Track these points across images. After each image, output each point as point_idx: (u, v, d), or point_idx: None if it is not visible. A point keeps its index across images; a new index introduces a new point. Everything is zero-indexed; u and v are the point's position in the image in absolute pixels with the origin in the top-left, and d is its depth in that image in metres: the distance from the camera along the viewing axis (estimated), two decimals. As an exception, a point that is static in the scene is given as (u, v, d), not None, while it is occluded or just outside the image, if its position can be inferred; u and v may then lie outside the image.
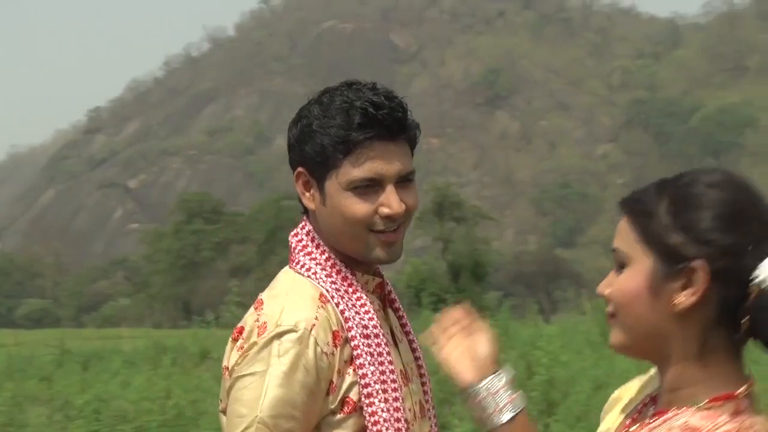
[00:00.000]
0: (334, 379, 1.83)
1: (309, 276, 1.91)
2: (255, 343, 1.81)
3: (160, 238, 59.71)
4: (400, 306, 2.07)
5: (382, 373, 1.87)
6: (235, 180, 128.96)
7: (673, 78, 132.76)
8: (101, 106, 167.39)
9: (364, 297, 1.92)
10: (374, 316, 1.91)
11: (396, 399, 1.88)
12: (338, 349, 1.84)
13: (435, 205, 39.09)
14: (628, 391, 1.62)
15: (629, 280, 1.43)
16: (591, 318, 18.25)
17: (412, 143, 1.93)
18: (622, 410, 1.58)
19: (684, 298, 1.38)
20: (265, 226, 50.95)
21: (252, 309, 1.90)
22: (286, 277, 1.95)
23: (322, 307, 1.86)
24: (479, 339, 1.77)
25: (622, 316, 1.45)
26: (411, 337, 2.05)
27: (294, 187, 1.98)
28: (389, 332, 1.97)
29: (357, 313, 1.88)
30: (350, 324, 1.86)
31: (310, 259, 1.94)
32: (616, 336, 1.47)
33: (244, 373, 1.81)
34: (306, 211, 1.99)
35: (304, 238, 1.97)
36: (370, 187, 1.86)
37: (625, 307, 1.44)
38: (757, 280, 1.33)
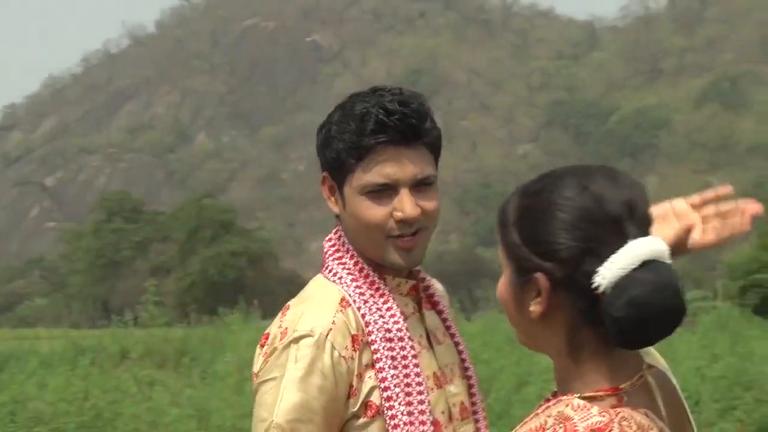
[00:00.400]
0: (354, 383, 1.85)
1: (335, 281, 1.93)
2: (275, 348, 1.86)
3: (79, 237, 58.80)
4: (445, 307, 2.06)
5: (406, 376, 1.87)
6: (156, 179, 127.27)
7: (591, 80, 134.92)
8: (17, 103, 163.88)
9: (392, 300, 1.92)
10: (400, 320, 1.90)
11: (421, 402, 1.87)
12: (357, 353, 1.86)
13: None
14: None
15: (501, 286, 1.50)
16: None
17: (433, 148, 1.93)
18: None
19: (535, 307, 1.44)
20: (186, 226, 50.43)
21: (279, 315, 1.96)
22: (314, 283, 1.99)
23: (341, 311, 1.88)
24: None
25: (508, 317, 1.52)
26: (456, 338, 2.05)
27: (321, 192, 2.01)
28: (424, 335, 1.97)
29: (381, 316, 1.89)
30: (371, 328, 1.87)
31: (339, 264, 1.95)
32: (515, 333, 1.55)
33: (265, 378, 1.86)
34: (338, 215, 2.00)
35: (336, 242, 1.99)
36: (384, 191, 1.87)
37: (505, 310, 1.52)
38: (594, 285, 1.37)
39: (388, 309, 1.91)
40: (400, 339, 1.89)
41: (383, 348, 1.87)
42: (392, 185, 1.87)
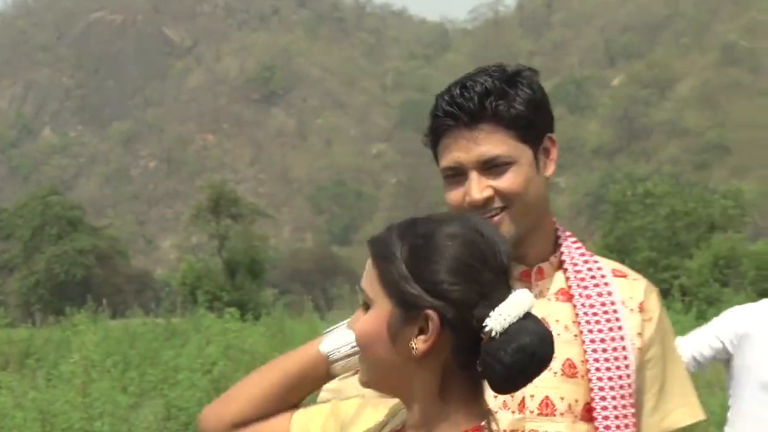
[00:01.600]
0: None
1: None
2: None
3: None
4: (581, 297, 1.93)
5: None
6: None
7: (443, 80, 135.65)
8: None
9: None
10: None
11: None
12: None
13: (211, 203, 38.56)
14: (360, 423, 1.63)
15: (371, 322, 1.48)
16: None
17: (510, 125, 1.86)
18: None
19: (419, 344, 1.44)
20: (31, 223, 48.70)
21: None
22: None
23: None
24: None
25: (366, 356, 1.50)
26: (588, 328, 1.91)
27: None
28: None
29: None
30: None
31: None
32: (362, 373, 1.53)
33: None
34: None
35: None
36: (457, 175, 1.87)
37: (367, 348, 1.49)
38: (486, 329, 1.41)
39: None
40: None
41: None
42: (461, 169, 1.86)
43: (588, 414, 1.86)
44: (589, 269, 1.95)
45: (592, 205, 79.07)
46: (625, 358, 1.89)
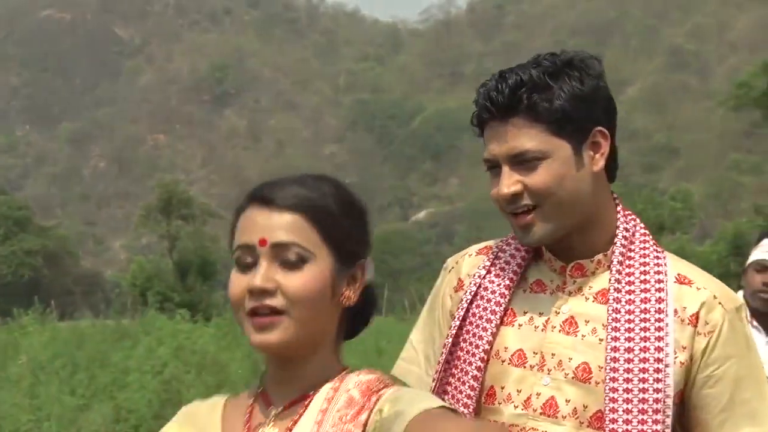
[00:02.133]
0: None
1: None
2: None
3: None
4: (619, 301, 1.81)
5: (467, 332, 1.89)
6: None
7: (395, 81, 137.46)
8: None
9: (514, 263, 1.91)
10: (504, 281, 1.89)
11: (470, 364, 1.86)
12: (456, 294, 1.95)
13: (162, 203, 38.30)
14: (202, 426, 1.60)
15: (313, 277, 1.49)
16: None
17: (545, 119, 1.79)
18: None
19: (351, 294, 1.54)
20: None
21: None
22: None
23: (476, 254, 1.98)
24: None
25: (299, 311, 1.48)
26: (614, 335, 1.79)
27: None
28: (553, 316, 1.86)
29: (498, 274, 1.91)
30: (471, 281, 1.92)
31: None
32: (285, 332, 1.48)
33: None
34: None
35: None
36: (494, 167, 1.84)
37: (307, 302, 1.48)
38: (368, 277, 1.56)
39: (506, 267, 1.92)
40: (488, 300, 1.88)
41: (465, 301, 1.90)
42: (496, 162, 1.84)
43: (598, 422, 1.77)
44: (644, 272, 1.83)
45: (543, 206, 79.55)
46: (657, 371, 1.75)
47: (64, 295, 43.82)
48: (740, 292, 3.81)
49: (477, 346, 1.86)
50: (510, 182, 1.80)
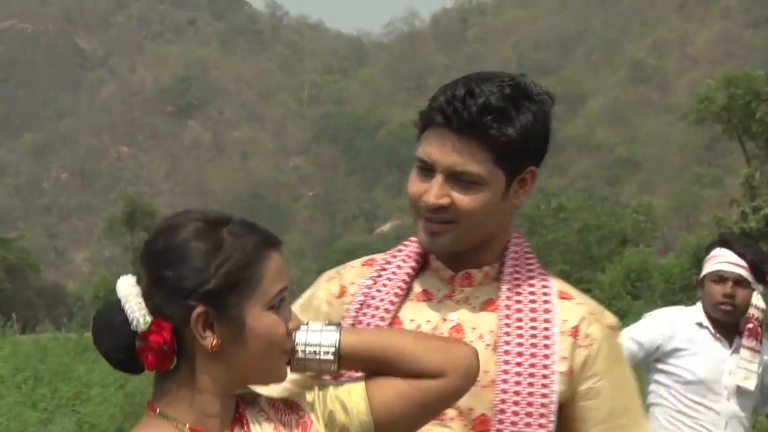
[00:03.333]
0: None
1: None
2: None
3: None
4: (508, 309, 1.86)
5: None
6: None
7: (360, 94, 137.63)
8: None
9: (404, 272, 1.92)
10: (398, 296, 1.90)
11: None
12: (338, 300, 1.95)
13: (125, 215, 38.05)
14: None
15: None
16: (283, 326, 18.43)
17: (497, 147, 1.79)
18: None
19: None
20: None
21: None
22: None
23: (361, 266, 1.98)
24: None
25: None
26: (505, 340, 1.84)
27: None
28: (440, 323, 1.87)
29: (385, 284, 1.92)
30: (358, 291, 1.92)
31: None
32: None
33: None
34: None
35: None
36: (426, 170, 1.83)
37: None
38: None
39: (393, 277, 1.93)
40: (376, 308, 1.89)
41: (354, 309, 1.90)
42: (431, 166, 1.82)
43: (482, 425, 1.81)
44: (532, 285, 1.89)
45: (507, 218, 79.91)
46: (545, 377, 1.82)
47: (26, 308, 43.32)
48: (698, 305, 3.85)
49: None
50: (441, 194, 1.81)
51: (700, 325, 3.76)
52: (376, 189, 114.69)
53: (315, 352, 1.56)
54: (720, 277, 3.72)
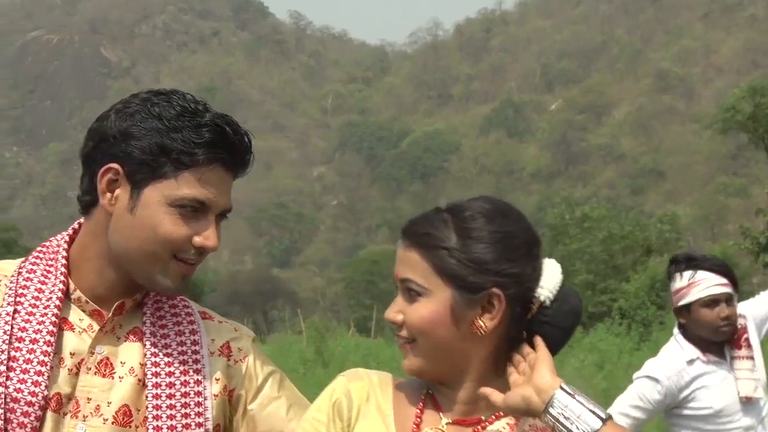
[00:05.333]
0: None
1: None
2: None
3: None
4: (154, 336, 1.77)
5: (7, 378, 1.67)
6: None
7: (383, 103, 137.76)
8: None
9: (52, 305, 1.72)
10: (40, 326, 1.70)
11: (25, 414, 1.65)
12: None
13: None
14: (375, 398, 1.66)
15: (429, 309, 1.55)
16: (306, 336, 18.46)
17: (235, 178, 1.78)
18: (396, 421, 1.62)
19: (486, 322, 1.55)
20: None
21: None
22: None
23: None
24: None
25: (423, 343, 1.56)
26: (155, 371, 1.74)
27: (91, 183, 1.82)
28: (87, 357, 1.72)
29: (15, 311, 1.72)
30: None
31: (41, 249, 1.84)
32: (413, 361, 1.59)
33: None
34: (86, 212, 1.81)
35: (61, 238, 1.85)
36: (195, 211, 1.70)
37: (427, 334, 1.55)
38: (541, 298, 1.55)
39: (34, 307, 1.73)
40: (19, 340, 1.68)
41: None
42: (206, 208, 1.71)
43: None
44: (174, 306, 1.81)
45: (531, 228, 79.61)
46: (198, 404, 1.74)
47: (51, 317, 43.48)
48: (677, 340, 3.79)
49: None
50: (217, 235, 1.75)
51: (691, 362, 3.71)
52: (400, 198, 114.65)
53: (569, 420, 1.50)
54: (712, 300, 3.63)
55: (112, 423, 1.71)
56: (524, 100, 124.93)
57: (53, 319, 1.70)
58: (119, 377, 1.73)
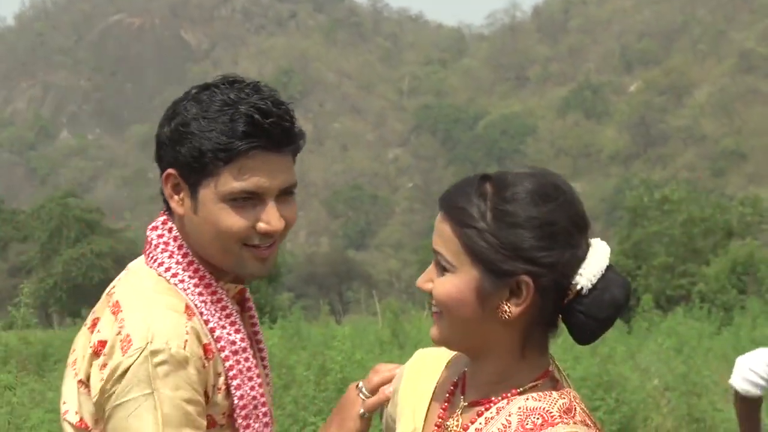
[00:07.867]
0: (210, 393, 1.73)
1: (175, 283, 1.77)
2: (121, 363, 1.65)
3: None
4: (255, 312, 1.93)
5: (252, 388, 1.78)
6: (16, 176, 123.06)
7: (459, 85, 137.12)
8: None
9: (230, 307, 1.79)
10: (241, 328, 1.79)
11: (265, 414, 1.81)
12: (210, 362, 1.72)
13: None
14: (426, 373, 1.67)
15: (454, 286, 1.48)
16: (382, 318, 18.60)
17: (296, 153, 1.81)
18: (433, 396, 1.63)
19: (511, 308, 1.47)
20: (48, 225, 48.87)
21: (109, 313, 1.74)
22: (147, 279, 1.79)
23: (189, 319, 1.72)
24: None
25: (447, 317, 1.50)
26: (261, 345, 1.92)
27: (162, 186, 1.82)
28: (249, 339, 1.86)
29: (224, 327, 1.76)
30: (222, 343, 1.75)
31: (175, 263, 1.79)
32: (438, 331, 1.54)
33: (123, 400, 1.64)
34: (169, 208, 1.83)
35: (167, 234, 1.83)
36: (249, 200, 1.72)
37: (450, 310, 1.49)
38: (578, 287, 1.45)
39: (228, 315, 1.79)
40: (243, 350, 1.78)
41: (234, 362, 1.76)
42: (259, 194, 1.73)
43: None
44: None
45: (608, 211, 78.82)
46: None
47: (132, 296, 44.36)
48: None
49: (263, 396, 1.84)
50: (279, 217, 1.76)
51: None
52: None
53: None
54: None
55: (267, 384, 1.91)
56: (603, 82, 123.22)
57: (237, 324, 1.83)
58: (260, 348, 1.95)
